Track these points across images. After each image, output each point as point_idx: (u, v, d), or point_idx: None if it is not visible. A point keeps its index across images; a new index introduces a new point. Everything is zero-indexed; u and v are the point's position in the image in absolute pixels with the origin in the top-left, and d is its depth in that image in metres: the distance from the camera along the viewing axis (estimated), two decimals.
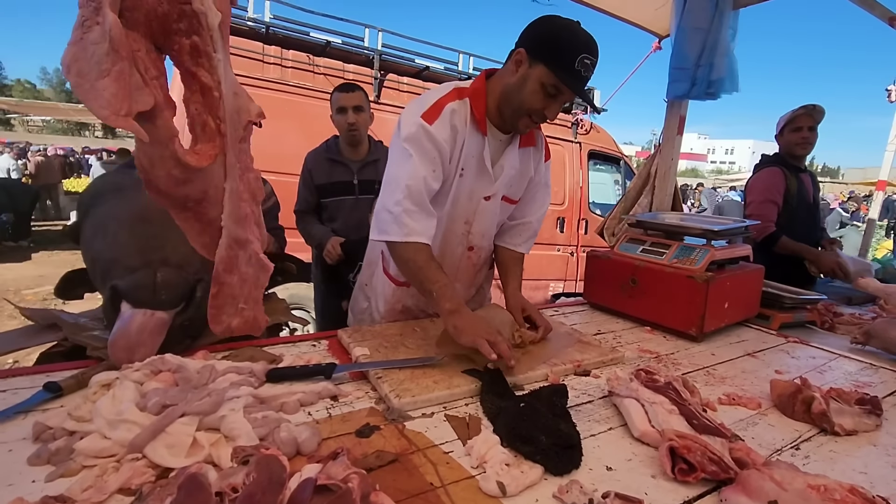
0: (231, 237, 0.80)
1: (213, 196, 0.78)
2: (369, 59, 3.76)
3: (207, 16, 0.68)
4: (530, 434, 0.77)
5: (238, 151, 0.79)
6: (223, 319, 0.86)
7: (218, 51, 0.71)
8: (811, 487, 0.64)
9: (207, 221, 0.80)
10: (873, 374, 1.26)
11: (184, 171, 0.72)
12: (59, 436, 0.72)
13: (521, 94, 1.19)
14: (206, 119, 0.74)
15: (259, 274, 0.87)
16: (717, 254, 1.45)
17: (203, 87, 0.72)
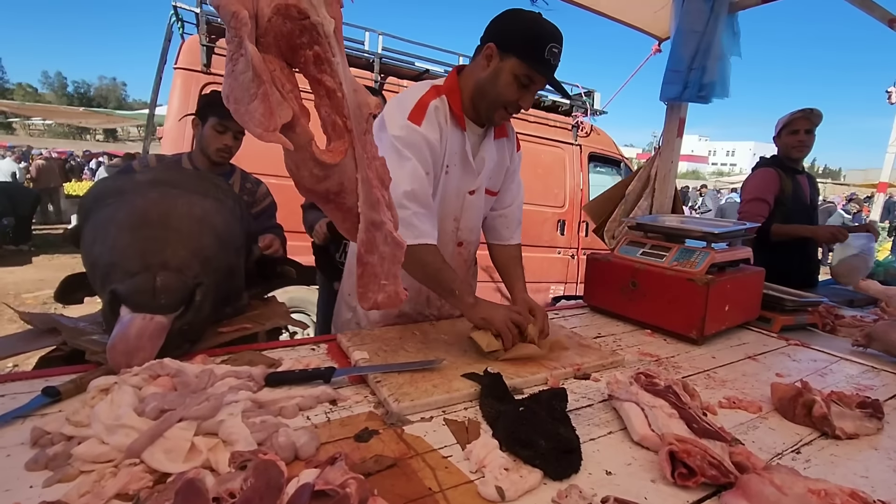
0: (368, 221, 0.89)
1: (348, 187, 0.87)
2: (370, 62, 3.76)
3: (324, 25, 0.75)
4: (529, 438, 0.77)
5: (364, 143, 0.86)
6: (369, 296, 0.94)
7: (336, 55, 0.78)
8: (812, 492, 0.64)
9: (347, 210, 0.89)
10: (875, 377, 1.25)
11: (322, 169, 0.81)
12: (56, 441, 0.72)
13: (496, 87, 1.23)
14: (334, 119, 0.82)
15: (395, 251, 0.94)
16: (718, 256, 1.45)
17: (328, 90, 0.80)
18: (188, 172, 1.50)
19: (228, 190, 1.44)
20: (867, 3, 2.31)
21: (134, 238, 1.09)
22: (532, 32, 1.18)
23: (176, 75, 3.21)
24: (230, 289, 1.30)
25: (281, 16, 0.72)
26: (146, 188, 1.21)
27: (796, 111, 2.37)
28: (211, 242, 1.19)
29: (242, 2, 0.69)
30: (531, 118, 4.48)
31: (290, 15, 0.72)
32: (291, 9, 0.72)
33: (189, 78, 3.18)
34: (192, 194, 1.25)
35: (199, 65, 3.19)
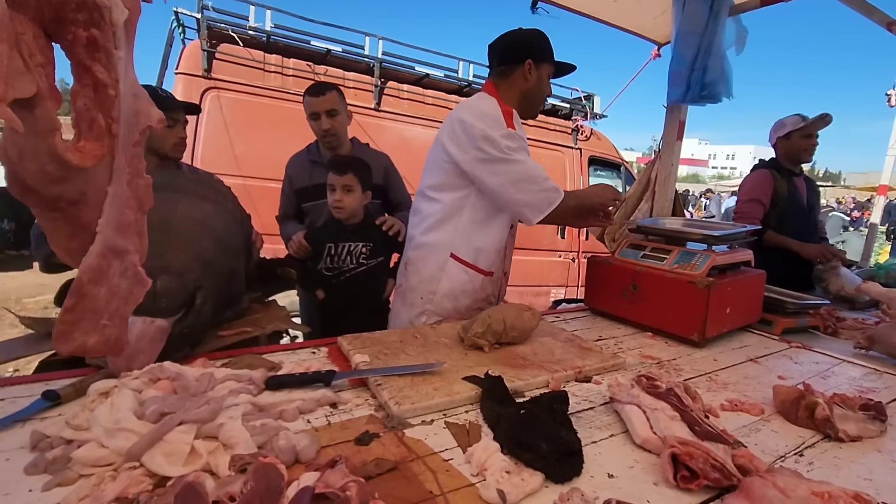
0: (107, 245, 0.74)
1: (91, 198, 0.72)
2: (370, 66, 3.78)
3: (112, 10, 0.65)
4: (531, 441, 0.77)
5: (131, 155, 0.75)
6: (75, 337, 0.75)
7: (120, 48, 0.68)
8: (815, 494, 0.63)
9: (80, 225, 0.73)
10: (877, 379, 1.25)
11: (60, 169, 0.66)
12: (56, 444, 0.72)
13: (542, 88, 1.61)
14: (95, 116, 0.69)
15: (133, 288, 0.80)
16: (719, 259, 1.45)
17: (97, 82, 0.67)
18: (188, 176, 1.50)
19: (228, 193, 1.45)
20: (866, 6, 2.32)
21: None
22: (549, 44, 1.59)
23: (177, 80, 3.22)
24: (230, 292, 1.30)
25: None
26: None
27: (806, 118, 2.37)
28: (211, 246, 1.19)
29: None
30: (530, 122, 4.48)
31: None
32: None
33: (190, 83, 3.19)
34: (191, 198, 1.25)
35: (201, 70, 3.20)
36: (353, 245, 1.78)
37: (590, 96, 4.89)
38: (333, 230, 1.80)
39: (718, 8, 1.75)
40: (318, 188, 2.00)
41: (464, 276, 1.57)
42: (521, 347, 1.24)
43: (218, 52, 3.24)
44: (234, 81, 3.31)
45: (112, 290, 0.77)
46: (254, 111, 3.34)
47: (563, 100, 4.89)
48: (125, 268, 0.78)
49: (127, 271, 0.79)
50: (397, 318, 1.66)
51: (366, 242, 1.79)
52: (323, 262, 1.79)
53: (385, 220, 1.86)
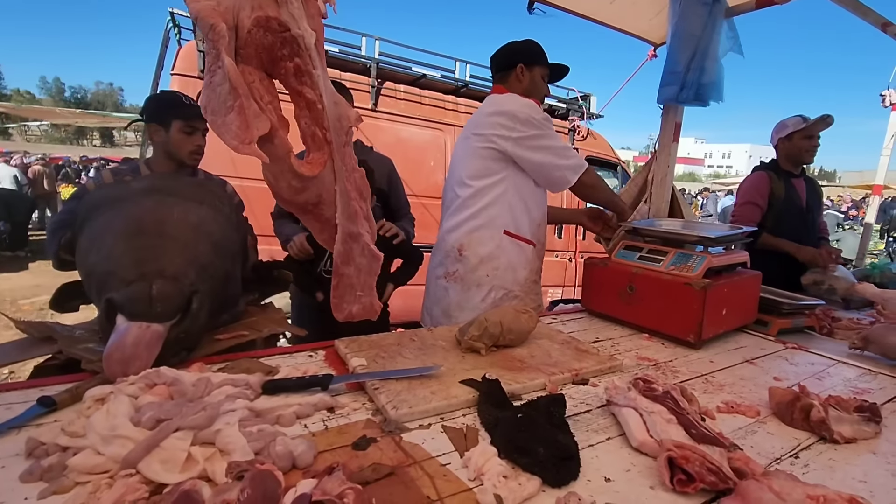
0: (345, 232, 0.90)
1: (326, 198, 0.88)
2: (366, 67, 3.78)
3: (304, 38, 0.75)
4: (528, 445, 0.77)
5: (343, 155, 0.87)
6: (344, 307, 0.96)
7: (317, 67, 0.79)
8: (810, 498, 0.64)
9: (325, 220, 0.91)
10: (872, 380, 1.25)
11: (300, 181, 0.82)
12: (52, 451, 0.71)
13: (538, 88, 1.84)
14: (314, 130, 0.83)
15: (371, 263, 0.95)
16: (715, 260, 1.45)
17: (308, 102, 0.80)
18: (184, 180, 1.49)
19: (224, 196, 1.44)
20: (861, 7, 2.33)
21: (129, 246, 1.09)
22: (538, 46, 1.84)
23: (173, 81, 3.21)
24: (227, 296, 1.30)
25: (262, 28, 0.72)
26: (141, 196, 1.20)
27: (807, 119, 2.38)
28: (207, 250, 1.19)
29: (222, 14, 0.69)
30: None
31: (270, 27, 0.73)
32: (272, 21, 0.73)
33: (186, 84, 3.18)
34: (187, 202, 1.25)
35: (196, 70, 3.19)
36: None
37: (586, 96, 4.90)
38: None
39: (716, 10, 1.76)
40: None
41: (517, 248, 1.79)
42: (518, 350, 1.24)
43: None
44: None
45: (358, 268, 0.95)
46: None
47: (560, 100, 4.89)
48: (362, 248, 0.93)
49: (364, 250, 0.94)
50: (458, 304, 1.79)
51: None
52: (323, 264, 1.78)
53: (383, 224, 1.86)
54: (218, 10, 0.69)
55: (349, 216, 0.88)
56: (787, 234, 2.36)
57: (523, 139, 1.69)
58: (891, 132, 2.94)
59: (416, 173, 3.66)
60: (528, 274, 1.83)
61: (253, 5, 0.73)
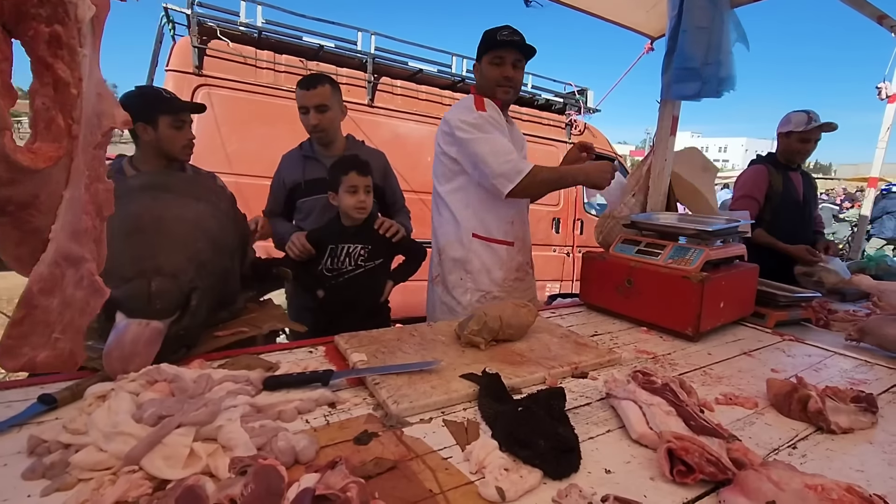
0: (61, 252, 0.69)
1: (44, 203, 0.67)
2: (363, 62, 3.75)
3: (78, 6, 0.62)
4: (528, 438, 0.77)
5: (91, 158, 0.71)
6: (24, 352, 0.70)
7: (85, 46, 0.65)
8: (809, 487, 0.65)
9: (31, 231, 0.68)
10: (868, 370, 1.26)
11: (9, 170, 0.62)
12: (54, 449, 0.71)
13: (487, 77, 1.75)
14: (53, 116, 0.65)
15: (90, 298, 0.76)
16: (712, 254, 1.46)
17: (57, 80, 0.64)
18: (180, 176, 1.48)
19: (222, 192, 1.44)
20: (858, 1, 2.34)
21: (127, 244, 1.08)
22: (485, 35, 1.73)
23: (168, 77, 3.19)
24: (226, 292, 1.30)
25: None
26: (138, 193, 1.20)
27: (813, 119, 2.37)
28: (205, 246, 1.18)
29: None
30: (524, 117, 4.49)
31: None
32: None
33: (181, 80, 3.16)
34: (185, 198, 1.24)
35: (192, 66, 3.17)
36: (352, 247, 1.77)
37: (583, 91, 4.89)
38: (335, 231, 1.79)
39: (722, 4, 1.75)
40: (311, 184, 1.97)
41: (489, 250, 1.78)
42: (517, 344, 1.24)
43: (209, 49, 3.20)
44: (226, 78, 3.27)
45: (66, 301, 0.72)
46: (245, 108, 3.31)
47: (557, 94, 4.88)
48: (80, 276, 0.73)
49: (83, 280, 0.73)
50: (443, 305, 1.85)
51: (364, 244, 1.78)
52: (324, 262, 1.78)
53: (382, 222, 1.84)
54: None
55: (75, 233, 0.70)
56: (785, 227, 2.37)
57: (459, 146, 1.69)
58: (886, 124, 2.94)
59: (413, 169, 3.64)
60: (506, 273, 1.81)
61: None
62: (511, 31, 1.69)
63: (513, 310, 1.25)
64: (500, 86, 1.74)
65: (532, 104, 4.67)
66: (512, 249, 1.82)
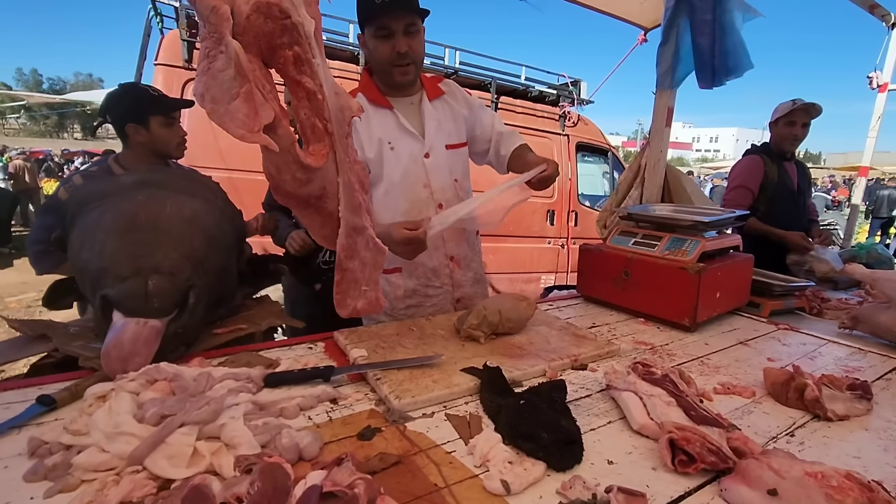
0: (349, 226, 0.88)
1: (329, 191, 0.85)
2: (354, 55, 3.72)
3: (304, 25, 0.73)
4: (531, 431, 0.78)
5: (345, 146, 0.85)
6: (348, 303, 0.93)
7: (316, 56, 0.76)
8: (809, 475, 0.66)
9: (327, 214, 0.88)
10: (862, 358, 1.28)
11: (305, 172, 0.80)
12: (55, 450, 0.71)
13: (375, 56, 1.40)
14: (314, 121, 0.80)
15: (377, 256, 0.93)
16: (708, 245, 1.47)
17: (308, 92, 0.78)
18: (174, 173, 1.47)
19: (217, 189, 1.42)
20: None
21: (123, 242, 1.07)
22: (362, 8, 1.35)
23: (157, 72, 3.14)
24: (223, 290, 1.29)
25: (262, 14, 0.69)
26: (132, 191, 1.18)
27: (798, 103, 2.38)
28: (202, 244, 1.17)
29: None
30: (518, 109, 4.48)
31: (271, 14, 0.70)
32: (273, 7, 0.70)
33: (171, 74, 3.12)
34: (180, 195, 1.23)
35: (181, 60, 3.12)
36: None
37: (576, 82, 4.88)
38: None
39: None
40: None
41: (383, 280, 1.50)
42: (516, 337, 1.25)
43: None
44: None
45: (362, 261, 0.92)
46: None
47: (550, 86, 4.88)
48: (366, 241, 0.91)
49: (369, 243, 0.91)
50: None
51: None
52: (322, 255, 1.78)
53: None
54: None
55: (353, 209, 0.86)
56: (780, 216, 2.38)
57: None
58: (877, 113, 2.97)
59: None
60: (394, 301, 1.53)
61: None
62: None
63: (512, 303, 1.26)
64: (395, 65, 1.37)
65: (525, 96, 4.65)
66: (399, 276, 1.53)
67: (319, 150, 0.80)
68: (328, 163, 0.81)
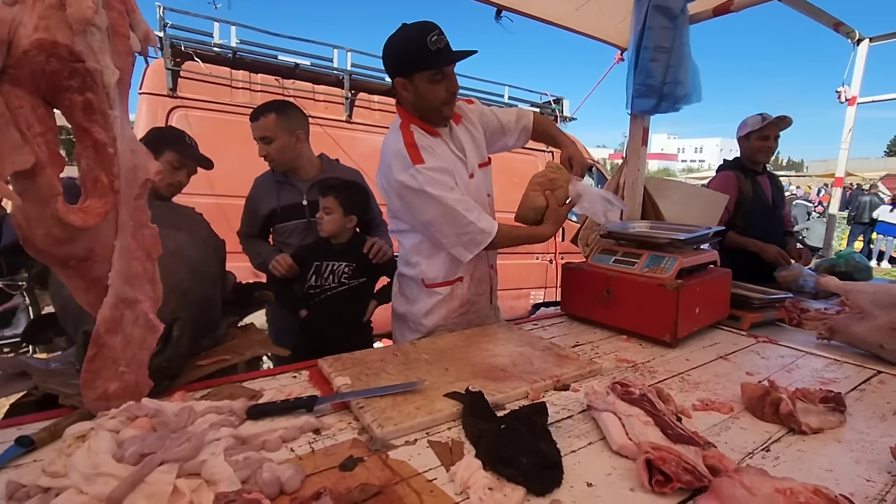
0: (118, 296, 0.79)
1: (100, 254, 0.77)
2: (339, 79, 3.78)
3: (103, 74, 0.69)
4: (511, 456, 0.79)
5: (133, 208, 0.79)
6: (98, 385, 0.83)
7: (115, 108, 0.72)
8: (778, 491, 0.67)
9: (93, 279, 0.78)
10: (838, 369, 1.31)
11: (66, 230, 0.71)
12: (33, 493, 0.70)
13: (427, 100, 1.48)
14: (97, 175, 0.73)
15: (146, 335, 0.85)
16: (686, 261, 1.50)
17: (96, 143, 0.72)
18: (158, 205, 1.47)
19: (200, 220, 1.44)
20: (813, 9, 2.44)
21: None
22: (410, 46, 1.41)
23: (141, 101, 3.17)
24: (208, 320, 1.29)
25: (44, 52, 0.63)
26: None
27: (767, 118, 2.45)
28: (186, 276, 1.18)
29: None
30: None
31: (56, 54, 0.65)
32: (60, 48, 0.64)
33: (155, 102, 3.14)
34: (164, 228, 1.23)
35: (165, 89, 3.15)
36: (336, 264, 1.79)
37: (559, 100, 4.99)
38: (321, 249, 1.81)
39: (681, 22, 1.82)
40: (287, 210, 1.97)
41: (433, 294, 1.62)
42: (500, 359, 1.26)
43: (183, 70, 3.19)
44: (201, 99, 3.26)
45: (127, 339, 0.83)
46: (223, 128, 3.30)
47: (533, 104, 4.97)
48: (136, 316, 0.82)
49: (139, 319, 0.83)
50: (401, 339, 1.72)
51: (349, 262, 1.80)
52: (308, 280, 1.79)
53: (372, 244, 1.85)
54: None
55: (128, 278, 0.79)
56: (757, 230, 2.43)
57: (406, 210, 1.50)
58: (848, 126, 3.06)
59: None
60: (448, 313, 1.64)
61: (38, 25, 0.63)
62: (438, 32, 1.39)
63: None
64: (446, 104, 1.49)
65: None
66: (456, 287, 1.64)
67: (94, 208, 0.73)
68: (104, 224, 0.74)
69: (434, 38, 1.38)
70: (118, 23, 0.72)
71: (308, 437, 0.90)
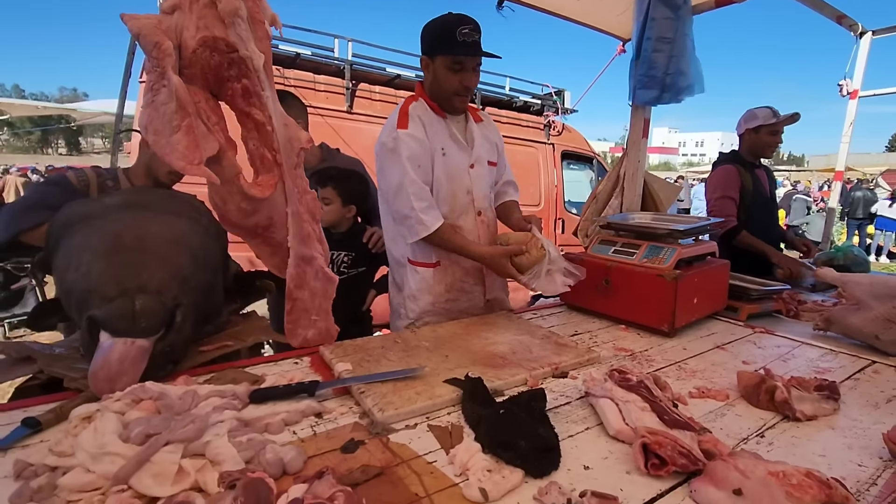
0: (298, 255, 0.90)
1: (277, 221, 0.89)
2: (340, 69, 3.76)
3: (253, 59, 0.76)
4: (510, 440, 0.80)
5: (294, 177, 0.87)
6: (299, 332, 0.97)
7: (266, 89, 0.79)
8: (771, 474, 0.69)
9: (276, 244, 0.91)
10: (833, 359, 1.33)
11: (251, 203, 0.83)
12: (40, 472, 0.72)
13: (440, 84, 1.53)
14: (263, 152, 0.83)
15: (326, 286, 0.96)
16: (684, 252, 1.51)
17: (257, 123, 0.81)
18: (159, 193, 1.48)
19: (202, 207, 1.44)
20: (816, 1, 2.43)
21: (109, 263, 1.08)
22: (441, 30, 1.47)
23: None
24: (210, 307, 1.30)
25: (208, 48, 0.71)
26: (118, 211, 1.20)
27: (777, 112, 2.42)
28: (188, 262, 1.19)
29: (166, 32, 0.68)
30: (504, 119, 4.54)
31: (217, 48, 0.72)
32: (219, 42, 0.72)
33: None
34: (165, 215, 1.24)
35: None
36: (335, 254, 1.79)
37: (560, 92, 4.97)
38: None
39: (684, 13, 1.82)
40: None
41: (416, 275, 1.63)
42: (500, 346, 1.27)
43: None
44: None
45: (312, 291, 0.95)
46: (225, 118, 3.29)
47: (535, 96, 4.95)
48: (315, 271, 0.93)
49: (318, 273, 0.94)
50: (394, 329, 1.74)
51: (349, 252, 1.81)
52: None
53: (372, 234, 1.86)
54: (160, 27, 0.68)
55: (302, 239, 0.88)
56: (757, 224, 2.43)
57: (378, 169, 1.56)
58: (849, 120, 3.06)
59: None
60: (434, 298, 1.63)
61: (198, 25, 0.71)
62: (471, 27, 1.44)
63: None
64: (458, 95, 1.54)
65: (510, 106, 4.72)
66: (437, 272, 1.62)
67: (267, 181, 0.82)
68: (276, 194, 0.83)
69: (465, 31, 1.43)
70: (254, 10, 0.79)
71: (310, 421, 0.92)
